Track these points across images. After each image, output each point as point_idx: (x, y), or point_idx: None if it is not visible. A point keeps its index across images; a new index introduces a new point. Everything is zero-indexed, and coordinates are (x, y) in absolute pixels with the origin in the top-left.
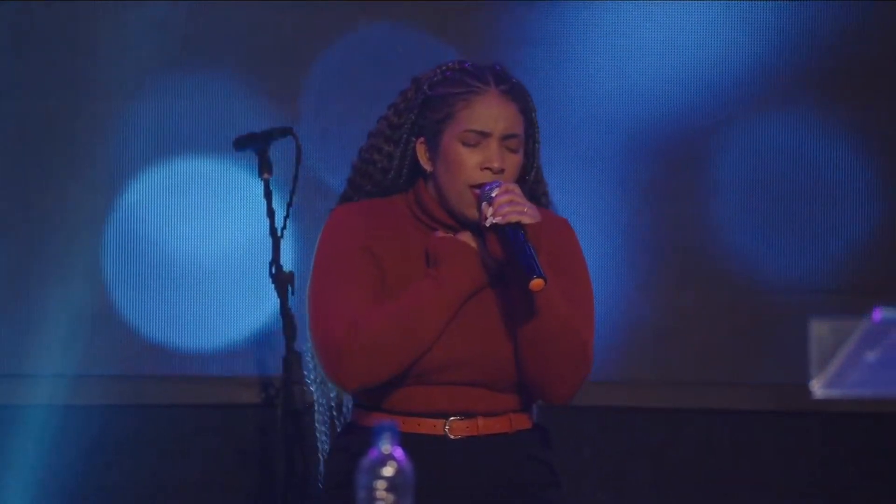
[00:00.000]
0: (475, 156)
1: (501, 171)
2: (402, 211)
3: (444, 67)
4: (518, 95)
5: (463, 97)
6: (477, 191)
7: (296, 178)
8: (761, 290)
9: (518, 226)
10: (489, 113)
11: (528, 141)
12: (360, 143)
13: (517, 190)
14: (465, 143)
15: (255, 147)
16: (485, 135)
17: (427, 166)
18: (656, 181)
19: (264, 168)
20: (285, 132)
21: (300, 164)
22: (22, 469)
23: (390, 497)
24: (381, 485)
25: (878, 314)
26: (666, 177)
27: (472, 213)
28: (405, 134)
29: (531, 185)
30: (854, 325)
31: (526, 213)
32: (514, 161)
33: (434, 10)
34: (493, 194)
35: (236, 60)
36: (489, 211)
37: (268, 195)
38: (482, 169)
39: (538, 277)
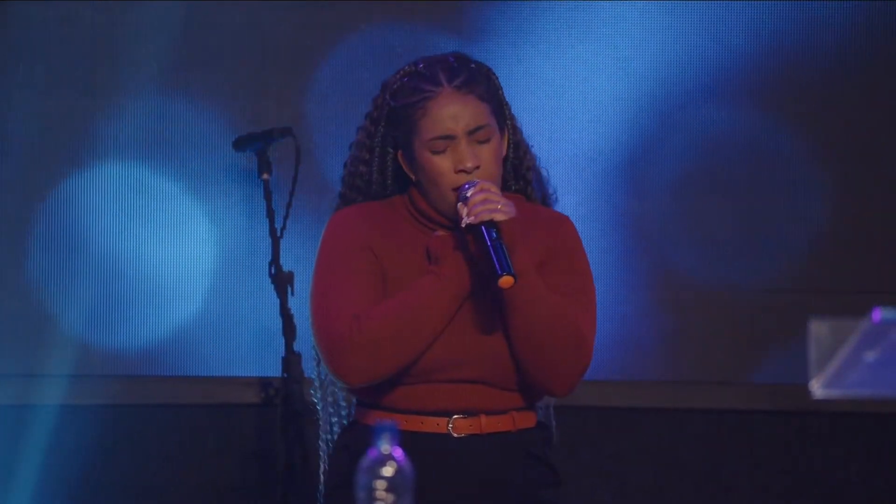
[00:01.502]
0: (447, 161)
1: (476, 167)
2: (400, 212)
3: (402, 73)
4: (474, 84)
5: (419, 106)
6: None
7: (295, 178)
8: (760, 290)
9: (491, 224)
10: (446, 114)
11: (499, 121)
12: None
13: (492, 188)
14: (433, 152)
15: (255, 147)
16: (449, 137)
17: (412, 175)
18: (657, 181)
19: (264, 168)
20: (285, 132)
21: (300, 164)
22: (22, 469)
23: (390, 497)
24: (380, 485)
25: (878, 314)
26: (667, 177)
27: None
28: (377, 146)
29: (512, 162)
30: (853, 326)
31: (499, 210)
32: (487, 152)
33: (434, 10)
34: (468, 194)
35: (236, 60)
36: (464, 211)
37: (267, 195)
38: (457, 172)
39: (507, 275)
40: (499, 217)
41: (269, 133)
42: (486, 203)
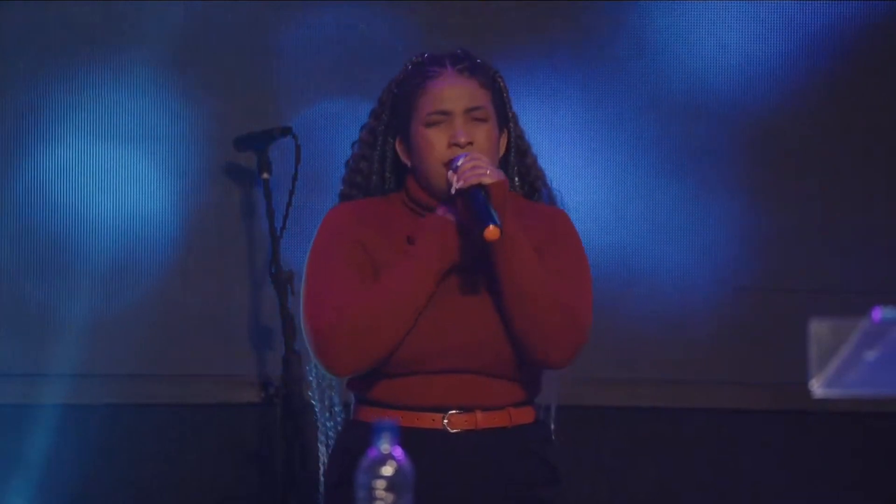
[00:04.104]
0: (442, 135)
1: (470, 143)
2: (395, 205)
3: (408, 63)
4: (479, 72)
5: (420, 86)
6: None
7: (295, 177)
8: (761, 290)
9: (480, 187)
10: (446, 91)
11: (499, 115)
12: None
13: (483, 157)
14: (428, 125)
15: (255, 147)
16: (446, 113)
17: (407, 161)
18: (658, 180)
19: (264, 168)
20: (285, 132)
21: (299, 163)
22: (22, 468)
23: (390, 496)
24: (380, 484)
25: (878, 314)
26: (668, 175)
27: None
28: (380, 136)
29: (513, 164)
30: (854, 325)
31: (487, 175)
32: (483, 131)
33: (434, 10)
34: (458, 163)
35: (236, 60)
36: (454, 178)
37: (267, 195)
38: (450, 146)
39: (493, 225)
40: (487, 180)
41: (269, 133)
42: (476, 169)
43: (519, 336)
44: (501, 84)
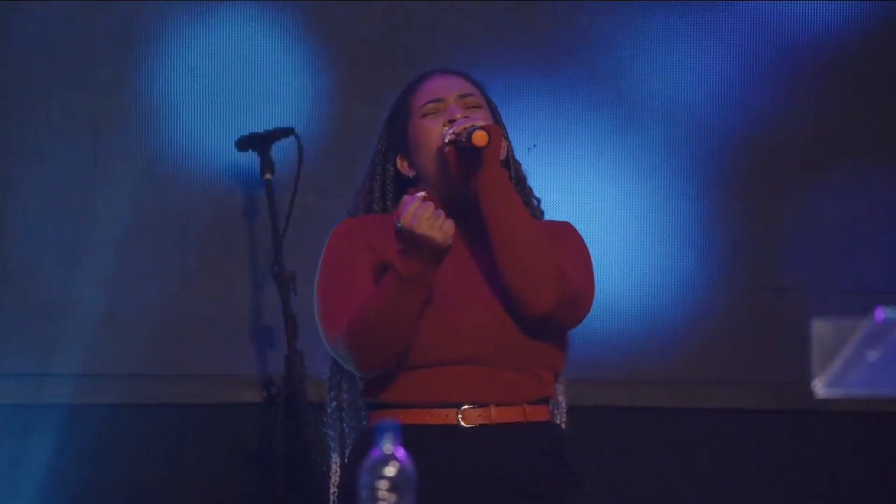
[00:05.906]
0: (437, 120)
1: (466, 118)
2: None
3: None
4: (468, 76)
5: (412, 90)
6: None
7: (298, 178)
8: (762, 290)
9: (473, 130)
10: (438, 83)
11: (494, 116)
12: (361, 144)
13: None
14: (424, 115)
15: (258, 147)
16: (440, 100)
17: (410, 173)
18: (659, 180)
19: (266, 168)
20: (287, 132)
21: (302, 164)
22: (23, 468)
23: (392, 497)
24: (383, 485)
25: (880, 314)
26: (667, 176)
27: (453, 178)
28: (379, 165)
29: (513, 176)
30: (856, 325)
31: (479, 120)
32: (479, 115)
33: (434, 10)
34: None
35: (236, 61)
36: (447, 132)
37: (270, 195)
38: (446, 125)
39: (480, 130)
40: (480, 124)
41: (271, 133)
42: (469, 118)
43: (504, 279)
44: (494, 105)
